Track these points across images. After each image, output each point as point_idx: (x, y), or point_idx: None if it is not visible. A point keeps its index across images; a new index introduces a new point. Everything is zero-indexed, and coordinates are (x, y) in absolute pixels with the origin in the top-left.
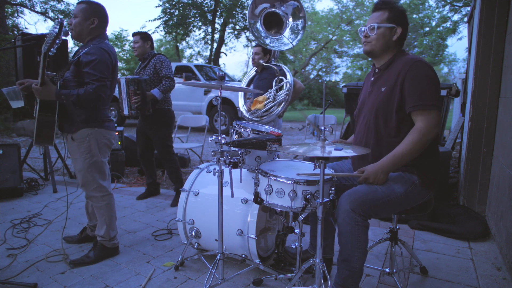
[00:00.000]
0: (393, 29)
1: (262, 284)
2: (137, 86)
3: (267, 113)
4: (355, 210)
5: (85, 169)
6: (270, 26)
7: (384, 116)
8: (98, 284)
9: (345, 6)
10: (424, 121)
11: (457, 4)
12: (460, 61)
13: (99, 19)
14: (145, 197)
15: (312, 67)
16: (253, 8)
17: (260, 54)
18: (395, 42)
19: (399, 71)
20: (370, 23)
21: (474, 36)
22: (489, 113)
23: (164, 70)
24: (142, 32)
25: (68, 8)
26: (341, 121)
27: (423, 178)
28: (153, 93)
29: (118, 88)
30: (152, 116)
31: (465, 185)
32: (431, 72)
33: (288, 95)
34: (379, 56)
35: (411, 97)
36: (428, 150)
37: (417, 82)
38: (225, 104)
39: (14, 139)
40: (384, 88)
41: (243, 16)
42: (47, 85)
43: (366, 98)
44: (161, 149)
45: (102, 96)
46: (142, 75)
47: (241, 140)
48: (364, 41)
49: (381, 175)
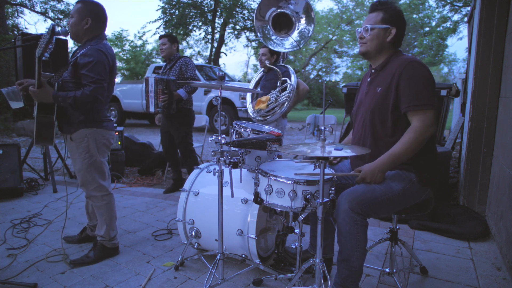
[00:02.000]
0: (388, 30)
1: (262, 284)
2: (166, 85)
3: (270, 113)
4: (354, 209)
5: (84, 169)
6: (281, 27)
7: (380, 116)
8: (98, 284)
9: (345, 6)
10: (420, 121)
11: (457, 4)
12: (460, 61)
13: (94, 19)
14: (172, 191)
15: (312, 67)
16: (260, 13)
17: (267, 54)
18: (390, 42)
19: (394, 72)
20: (365, 25)
21: (474, 36)
22: (489, 113)
23: (190, 72)
24: (170, 35)
25: (68, 8)
26: (341, 121)
27: (420, 176)
28: (179, 93)
29: (146, 86)
30: (175, 115)
31: (465, 185)
32: (426, 72)
33: (289, 96)
34: (374, 57)
35: (406, 97)
36: (424, 148)
37: (412, 82)
38: (225, 104)
39: (14, 139)
40: (379, 89)
41: (243, 16)
42: (44, 87)
43: (363, 99)
44: (183, 147)
45: (99, 98)
46: (168, 75)
47: (241, 140)
48: (360, 42)
49: (378, 174)
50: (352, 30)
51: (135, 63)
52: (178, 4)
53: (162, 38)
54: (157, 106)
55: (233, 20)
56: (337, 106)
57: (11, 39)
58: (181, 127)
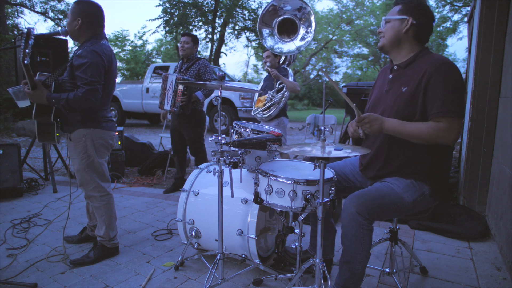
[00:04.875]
0: (404, 21)
1: (262, 284)
2: (186, 86)
3: (265, 111)
4: (362, 214)
5: (82, 169)
6: (287, 32)
7: (404, 118)
8: (98, 284)
9: (345, 6)
10: (446, 126)
11: (457, 4)
12: (460, 61)
13: (84, 19)
14: (172, 191)
15: (312, 67)
16: (264, 22)
17: (271, 56)
18: (408, 35)
19: (424, 72)
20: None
21: (474, 36)
22: (489, 113)
23: (208, 74)
24: (194, 35)
25: (68, 8)
26: (341, 121)
27: (434, 189)
28: (197, 95)
29: (163, 83)
30: (188, 115)
31: (465, 185)
32: (459, 76)
33: (282, 97)
34: (391, 50)
35: (436, 102)
36: (443, 159)
37: (445, 87)
38: (225, 104)
39: (14, 139)
40: (405, 88)
41: (243, 16)
42: (38, 89)
43: (383, 96)
44: (195, 146)
45: (92, 100)
46: (185, 75)
47: (241, 140)
48: (379, 37)
49: (376, 126)
50: (352, 30)
51: (135, 63)
52: (179, 4)
53: (185, 36)
54: (174, 105)
55: (233, 20)
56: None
57: (11, 39)
58: (194, 128)
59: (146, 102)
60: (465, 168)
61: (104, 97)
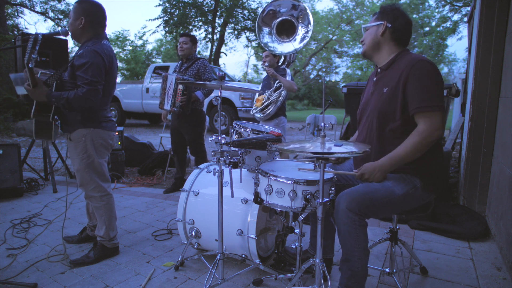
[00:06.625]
0: (380, 26)
1: (262, 284)
2: (186, 86)
3: (263, 110)
4: (352, 210)
5: (82, 169)
6: (287, 33)
7: (387, 117)
8: (98, 284)
9: (345, 6)
10: (427, 123)
11: (457, 4)
12: (460, 61)
13: (88, 18)
14: (172, 191)
15: (312, 67)
16: (263, 22)
17: (270, 56)
18: (385, 37)
19: (402, 71)
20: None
21: (474, 36)
22: (489, 113)
23: (207, 74)
24: (192, 35)
25: (68, 8)
26: (341, 121)
27: (425, 182)
28: (197, 95)
29: (163, 83)
30: (188, 115)
31: (465, 185)
32: (435, 71)
33: (279, 96)
34: (373, 55)
35: (414, 98)
36: (432, 153)
37: (421, 82)
38: (225, 104)
39: (14, 139)
40: (386, 89)
41: (243, 16)
42: (38, 87)
43: (369, 98)
44: (195, 146)
45: (91, 100)
46: (184, 75)
47: (241, 140)
48: (362, 45)
49: (377, 173)
50: (352, 30)
51: (135, 63)
52: (179, 4)
53: (184, 36)
54: (174, 105)
55: (233, 20)
56: (337, 106)
57: (11, 39)
58: (194, 128)
59: (146, 102)
60: (465, 168)
61: (104, 97)
